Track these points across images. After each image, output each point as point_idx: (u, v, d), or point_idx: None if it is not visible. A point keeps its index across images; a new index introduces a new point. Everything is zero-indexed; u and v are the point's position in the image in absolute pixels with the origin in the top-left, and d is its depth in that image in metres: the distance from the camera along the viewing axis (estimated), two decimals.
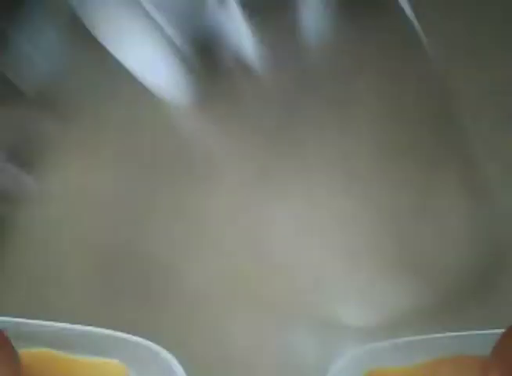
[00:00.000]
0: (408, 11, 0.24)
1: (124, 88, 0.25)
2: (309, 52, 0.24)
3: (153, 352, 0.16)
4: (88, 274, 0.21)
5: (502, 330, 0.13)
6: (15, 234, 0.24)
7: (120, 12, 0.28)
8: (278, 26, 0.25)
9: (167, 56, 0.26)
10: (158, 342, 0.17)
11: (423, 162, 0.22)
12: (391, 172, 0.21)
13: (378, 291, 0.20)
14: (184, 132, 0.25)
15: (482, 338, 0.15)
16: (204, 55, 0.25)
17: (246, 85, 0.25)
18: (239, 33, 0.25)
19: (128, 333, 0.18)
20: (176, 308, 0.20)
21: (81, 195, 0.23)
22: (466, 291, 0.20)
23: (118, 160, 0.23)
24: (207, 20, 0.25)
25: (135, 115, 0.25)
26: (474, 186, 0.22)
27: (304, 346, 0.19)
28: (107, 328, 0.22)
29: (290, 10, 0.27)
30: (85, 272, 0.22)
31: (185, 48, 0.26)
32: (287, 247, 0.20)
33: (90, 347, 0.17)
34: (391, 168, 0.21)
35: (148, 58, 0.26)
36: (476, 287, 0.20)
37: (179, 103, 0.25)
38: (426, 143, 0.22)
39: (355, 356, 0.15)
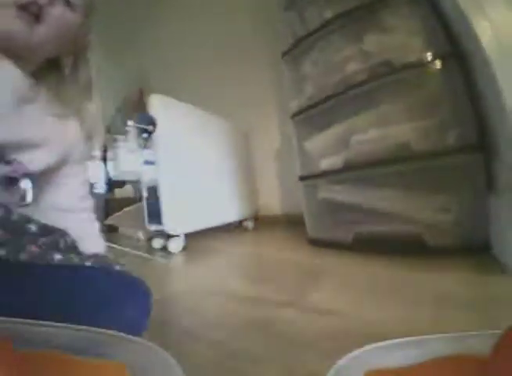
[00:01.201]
0: None
1: None
2: None
3: (153, 352, 0.16)
4: None
5: (502, 331, 0.12)
6: None
7: None
8: None
9: None
10: None
11: None
12: None
13: None
14: None
15: (482, 338, 0.14)
16: None
17: None
18: None
19: None
20: None
21: None
22: None
23: None
24: None
25: None
26: None
27: None
28: None
29: None
30: None
31: None
32: None
33: (91, 347, 0.16)
34: None
35: None
36: None
37: None
38: None
39: (356, 356, 0.15)
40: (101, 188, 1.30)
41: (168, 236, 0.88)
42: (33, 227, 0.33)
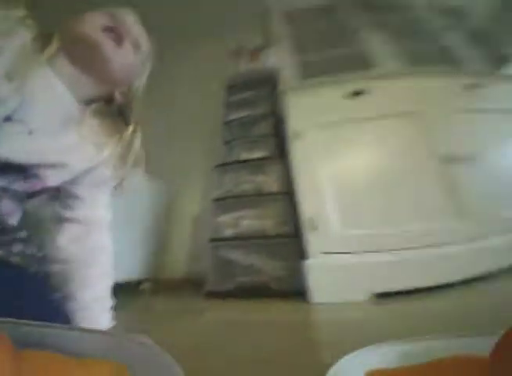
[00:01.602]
0: None
1: None
2: None
3: (153, 352, 0.16)
4: None
5: (502, 331, 0.13)
6: None
7: None
8: None
9: None
10: None
11: None
12: None
13: None
14: None
15: (482, 338, 0.15)
16: None
17: None
18: None
19: None
20: None
21: None
22: None
23: None
24: None
25: None
26: None
27: None
28: None
29: None
30: None
31: None
32: None
33: (91, 348, 0.16)
34: None
35: None
36: None
37: None
38: None
39: (356, 356, 0.16)
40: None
41: None
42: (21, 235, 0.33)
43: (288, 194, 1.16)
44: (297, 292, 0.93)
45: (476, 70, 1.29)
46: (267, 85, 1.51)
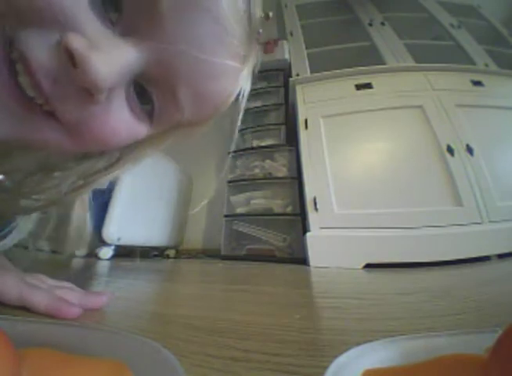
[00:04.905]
0: None
1: None
2: None
3: (154, 350, 0.15)
4: None
5: (501, 330, 0.13)
6: None
7: None
8: None
9: None
10: None
11: None
12: None
13: None
14: None
15: (483, 336, 0.15)
16: None
17: None
18: None
19: None
20: None
21: None
22: None
23: None
24: None
25: None
26: None
27: None
28: None
29: None
30: None
31: None
32: None
33: (89, 346, 0.16)
34: None
35: None
36: None
37: None
38: None
39: (353, 354, 0.15)
40: None
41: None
42: None
43: (294, 179, 1.31)
44: (297, 261, 1.09)
45: (484, 67, 1.32)
46: (280, 77, 1.61)
